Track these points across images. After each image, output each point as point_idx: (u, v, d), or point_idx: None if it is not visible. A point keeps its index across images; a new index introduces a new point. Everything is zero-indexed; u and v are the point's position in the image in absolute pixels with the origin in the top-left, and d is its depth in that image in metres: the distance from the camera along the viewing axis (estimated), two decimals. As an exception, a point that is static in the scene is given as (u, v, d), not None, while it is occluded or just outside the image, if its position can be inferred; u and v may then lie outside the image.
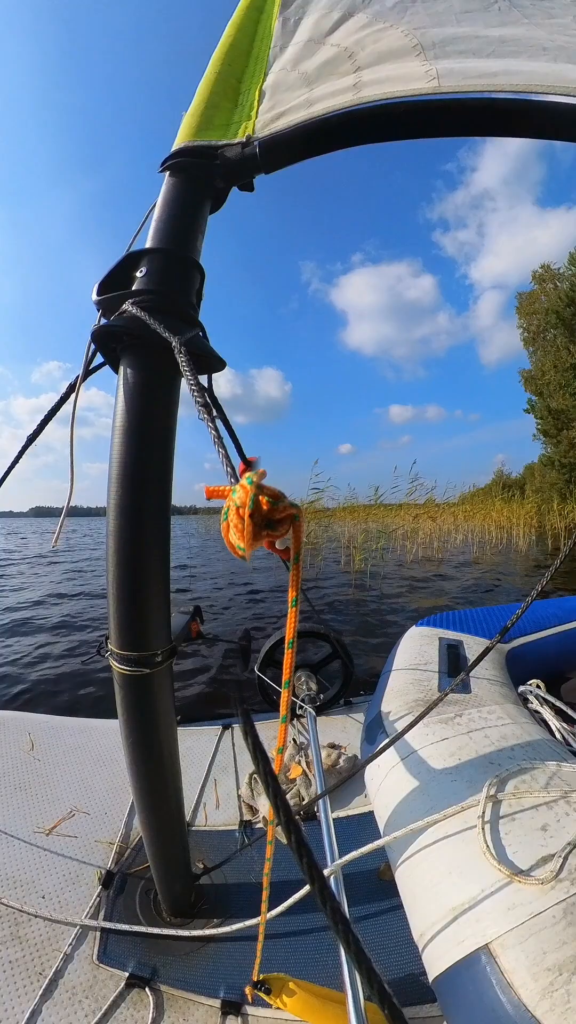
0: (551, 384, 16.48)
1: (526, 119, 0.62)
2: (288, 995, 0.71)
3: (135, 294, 0.61)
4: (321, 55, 0.76)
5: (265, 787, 0.22)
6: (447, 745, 0.78)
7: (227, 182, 0.72)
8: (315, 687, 1.61)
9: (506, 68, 0.63)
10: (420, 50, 0.70)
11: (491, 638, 1.22)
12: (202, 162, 0.69)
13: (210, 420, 0.32)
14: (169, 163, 0.70)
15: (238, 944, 0.89)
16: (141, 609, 0.64)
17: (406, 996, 0.80)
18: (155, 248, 0.65)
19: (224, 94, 0.77)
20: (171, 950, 0.88)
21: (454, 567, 7.79)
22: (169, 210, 0.68)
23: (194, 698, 2.64)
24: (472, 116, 0.62)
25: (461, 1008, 0.52)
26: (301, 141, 0.67)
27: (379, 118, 0.65)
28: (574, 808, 0.61)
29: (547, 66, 0.63)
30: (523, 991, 0.46)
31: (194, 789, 1.32)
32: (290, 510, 0.26)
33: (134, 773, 0.76)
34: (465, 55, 0.69)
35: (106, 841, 1.12)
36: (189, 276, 0.65)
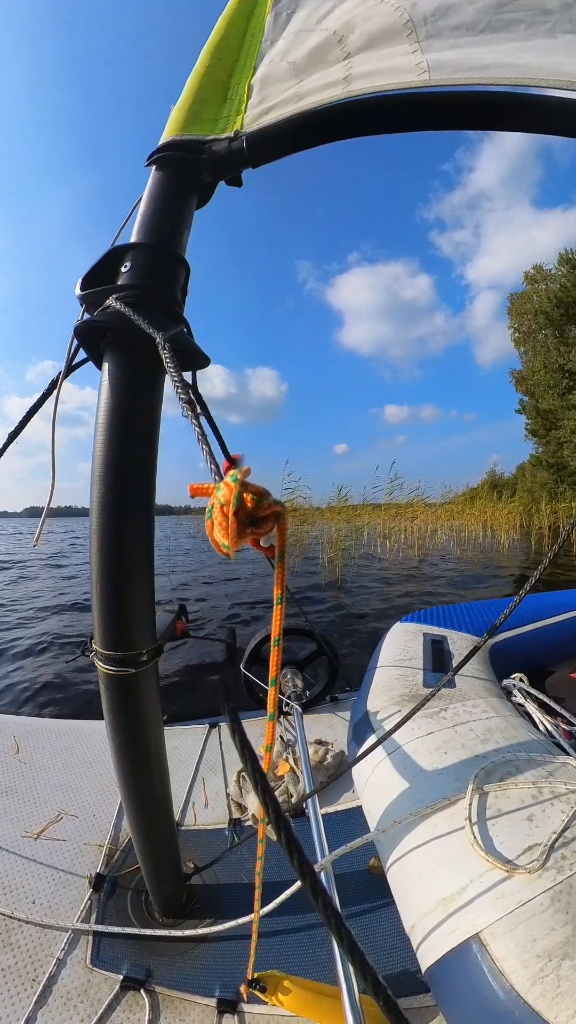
0: (540, 385, 16.62)
1: (518, 112, 0.62)
2: (283, 992, 0.71)
3: (119, 289, 0.60)
4: (311, 41, 0.75)
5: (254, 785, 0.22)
6: (433, 739, 0.79)
7: (214, 177, 0.72)
8: (301, 684, 1.61)
9: (497, 60, 0.62)
10: (411, 28, 0.68)
11: (474, 633, 1.25)
12: (189, 156, 0.68)
13: (194, 417, 0.32)
14: (156, 157, 0.69)
15: (232, 942, 0.89)
16: (125, 608, 0.63)
17: (400, 987, 0.81)
18: (140, 243, 0.64)
19: (213, 89, 0.76)
20: (165, 951, 0.88)
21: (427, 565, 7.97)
22: (155, 204, 0.67)
23: (180, 697, 2.63)
24: (463, 109, 0.62)
25: (454, 997, 0.53)
26: (289, 135, 0.67)
27: (369, 112, 0.65)
28: (559, 798, 0.63)
29: (539, 58, 0.63)
30: (514, 978, 0.48)
31: (182, 789, 1.31)
32: (275, 507, 0.26)
33: (122, 774, 0.76)
34: (458, 31, 0.68)
35: (95, 844, 1.11)
36: (174, 271, 0.64)
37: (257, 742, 1.41)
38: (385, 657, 1.15)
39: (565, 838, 0.57)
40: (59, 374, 0.62)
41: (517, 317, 18.82)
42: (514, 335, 18.90)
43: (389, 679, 1.04)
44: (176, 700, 2.57)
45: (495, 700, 0.92)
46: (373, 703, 0.98)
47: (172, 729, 1.59)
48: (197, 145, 0.67)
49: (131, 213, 0.71)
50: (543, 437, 17.03)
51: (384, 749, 0.82)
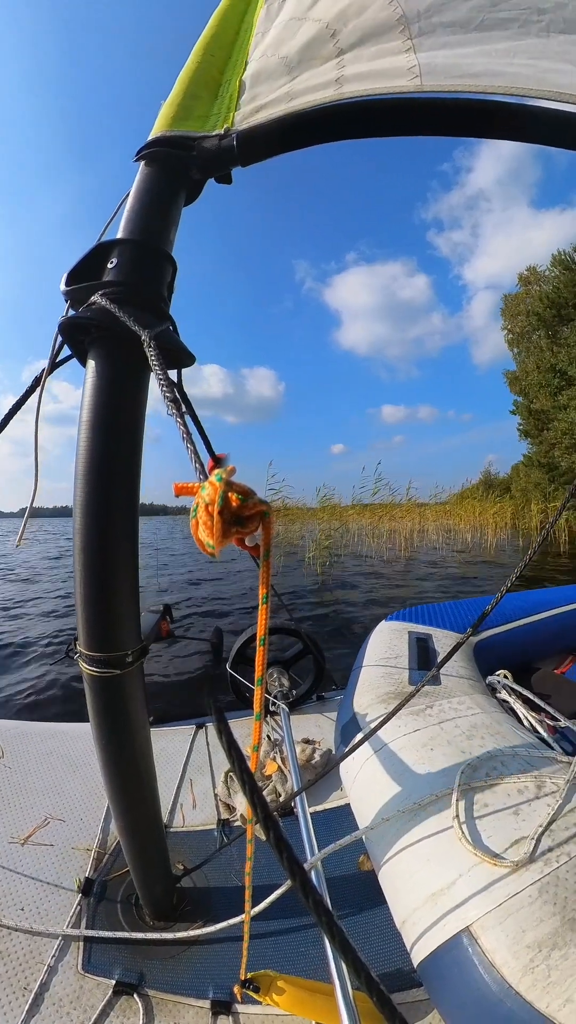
0: (533, 385, 16.64)
1: (508, 121, 0.63)
2: (277, 991, 0.71)
3: (105, 285, 0.59)
4: (303, 34, 0.74)
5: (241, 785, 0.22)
6: (419, 736, 0.80)
7: (203, 174, 0.71)
8: (287, 683, 1.61)
9: (489, 67, 0.63)
10: (404, 24, 0.69)
11: (458, 631, 1.26)
12: (178, 153, 0.67)
13: (179, 416, 0.32)
14: (144, 152, 0.68)
15: (224, 943, 0.89)
16: (110, 609, 0.62)
17: (393, 982, 0.81)
18: (127, 239, 0.63)
19: (204, 85, 0.75)
20: (157, 954, 0.88)
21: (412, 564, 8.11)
22: (143, 200, 0.67)
23: (166, 698, 2.61)
24: (454, 116, 0.63)
25: (447, 990, 0.54)
26: (280, 135, 0.67)
27: (360, 115, 0.65)
28: (544, 792, 0.64)
29: (530, 65, 0.63)
30: (505, 969, 0.48)
31: (170, 790, 1.30)
32: (260, 507, 0.26)
33: (108, 776, 0.75)
34: (451, 28, 0.68)
35: (83, 847, 1.09)
36: (161, 268, 0.63)
37: (244, 742, 1.40)
38: (371, 656, 1.16)
39: (551, 831, 0.58)
40: (42, 371, 0.61)
41: (510, 318, 18.87)
42: (508, 336, 18.99)
43: (375, 677, 1.05)
44: (162, 701, 2.55)
45: (480, 697, 0.94)
46: (359, 701, 0.98)
47: (158, 730, 1.58)
48: (187, 141, 0.67)
49: (118, 208, 0.70)
50: (535, 437, 17.11)
51: (371, 747, 0.82)
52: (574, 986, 0.45)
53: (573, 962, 0.46)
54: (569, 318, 15.52)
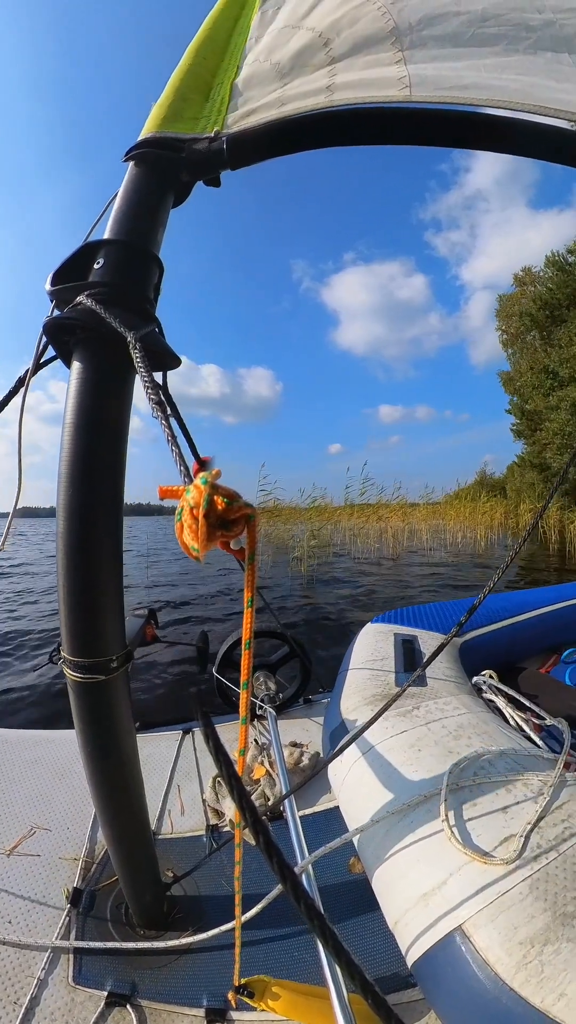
0: (527, 386, 16.61)
1: (495, 134, 0.65)
2: (272, 996, 0.71)
3: (91, 286, 0.58)
4: (296, 42, 0.75)
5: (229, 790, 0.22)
6: (406, 737, 0.80)
7: (192, 176, 0.71)
8: (274, 687, 1.61)
9: (477, 80, 0.64)
10: (396, 36, 0.70)
11: (444, 632, 1.28)
12: (168, 154, 0.67)
13: (164, 418, 0.32)
14: (134, 153, 0.68)
15: (216, 950, 0.88)
16: (94, 613, 0.61)
17: (388, 984, 0.81)
18: (114, 240, 0.63)
19: (196, 87, 0.75)
20: (149, 963, 0.86)
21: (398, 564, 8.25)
22: (131, 201, 0.66)
23: (152, 703, 2.59)
24: (443, 127, 0.64)
25: (442, 989, 0.54)
26: (269, 140, 0.67)
27: (350, 123, 0.66)
28: (531, 790, 0.65)
29: (517, 79, 0.65)
30: (499, 966, 0.49)
31: (157, 797, 1.28)
32: (245, 510, 0.26)
33: (95, 784, 0.73)
34: (442, 42, 0.70)
35: (71, 857, 1.07)
36: (147, 270, 0.63)
37: (231, 746, 1.39)
38: (357, 658, 1.16)
39: (539, 828, 0.59)
40: (26, 371, 0.60)
41: (505, 319, 18.84)
42: (502, 337, 19.00)
43: (361, 679, 1.05)
44: (148, 707, 2.53)
45: (466, 697, 0.95)
46: (346, 704, 0.98)
47: (144, 736, 1.56)
48: (177, 143, 0.67)
49: (106, 208, 0.70)
50: (529, 438, 17.11)
51: (359, 749, 0.82)
52: (568, 980, 0.46)
53: (566, 956, 0.47)
54: (562, 319, 15.54)
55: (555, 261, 15.95)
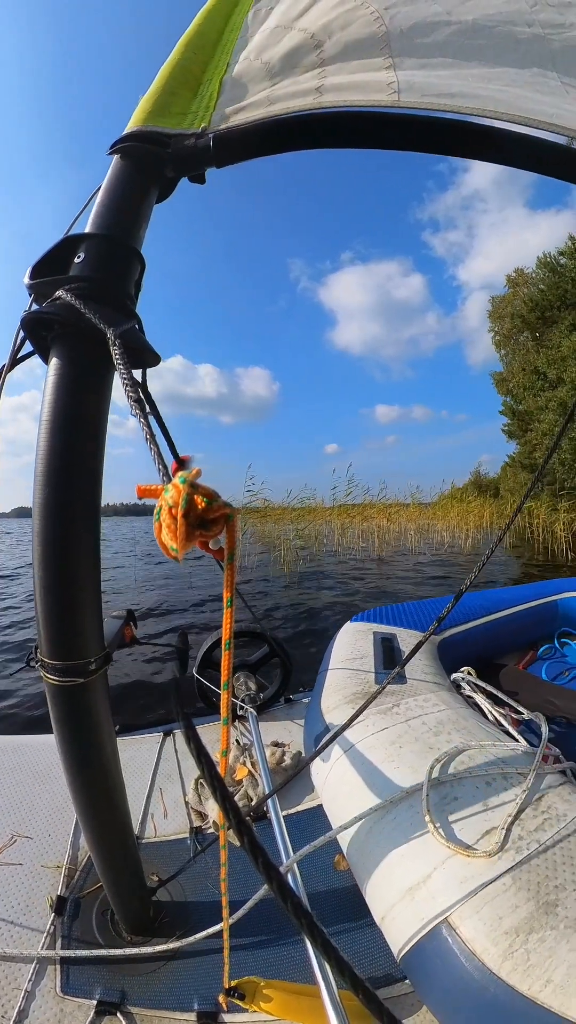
0: (519, 386, 16.62)
1: (480, 142, 0.65)
2: (263, 997, 0.71)
3: (70, 280, 0.57)
4: (287, 42, 0.75)
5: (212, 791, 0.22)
6: (387, 734, 0.81)
7: (177, 172, 0.70)
8: (254, 687, 1.61)
9: (464, 89, 0.65)
10: (387, 42, 0.71)
11: (422, 630, 1.29)
12: (153, 149, 0.66)
13: (143, 416, 0.31)
14: (119, 146, 0.66)
15: (205, 953, 0.87)
16: (72, 615, 0.60)
17: (378, 978, 0.82)
18: (96, 233, 0.62)
19: (184, 83, 0.74)
20: (137, 970, 0.85)
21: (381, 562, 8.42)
22: (114, 195, 0.65)
23: (132, 706, 2.55)
24: (429, 133, 0.65)
25: (431, 982, 0.54)
26: (257, 139, 0.67)
27: (337, 125, 0.66)
28: (511, 783, 0.66)
29: (503, 90, 0.66)
30: (486, 956, 0.50)
31: (140, 800, 1.27)
32: (224, 509, 0.26)
33: (75, 789, 0.72)
34: (431, 50, 0.71)
35: (53, 865, 1.04)
36: (129, 265, 0.62)
37: (213, 747, 1.38)
38: (337, 657, 1.17)
39: (520, 820, 0.60)
40: (2, 367, 0.59)
41: (497, 320, 18.73)
42: (495, 338, 18.88)
43: (341, 678, 1.06)
44: (127, 709, 2.49)
45: (445, 694, 0.96)
46: (327, 702, 0.99)
47: (125, 739, 1.53)
48: (163, 138, 0.66)
49: (88, 201, 0.69)
50: (520, 438, 17.07)
51: (340, 747, 0.83)
52: (553, 966, 0.47)
53: (550, 944, 0.48)
54: (553, 320, 15.56)
55: (547, 263, 15.88)
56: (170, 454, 0.75)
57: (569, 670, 1.45)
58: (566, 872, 0.54)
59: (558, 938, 0.48)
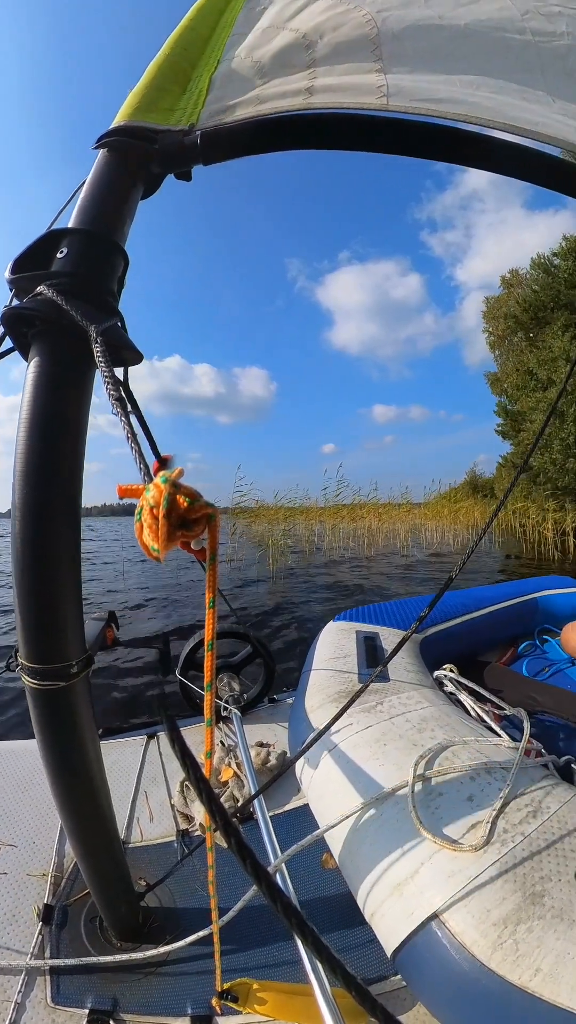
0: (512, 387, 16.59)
1: (466, 148, 0.66)
2: (256, 998, 0.70)
3: (52, 276, 0.56)
4: (278, 41, 0.75)
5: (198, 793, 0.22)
6: (371, 732, 0.82)
7: (163, 168, 0.69)
8: (238, 687, 1.60)
9: (452, 95, 0.66)
10: (377, 45, 0.71)
11: (404, 628, 1.30)
12: (140, 144, 0.65)
13: (124, 415, 0.31)
14: (105, 140, 0.65)
15: (196, 957, 0.86)
16: (52, 617, 0.59)
17: (370, 974, 0.82)
18: (79, 229, 0.61)
19: (174, 78, 0.73)
20: (128, 976, 0.84)
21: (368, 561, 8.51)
22: (99, 190, 0.64)
23: (114, 709, 2.52)
24: (417, 138, 0.65)
25: (423, 976, 0.55)
26: (245, 137, 0.66)
27: (326, 126, 0.66)
28: (495, 778, 0.67)
29: (491, 97, 0.67)
30: (475, 948, 0.50)
31: (125, 805, 1.25)
32: (206, 509, 0.26)
33: (59, 795, 0.71)
34: (422, 55, 0.72)
35: (39, 873, 1.02)
36: (112, 262, 0.61)
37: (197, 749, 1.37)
38: (320, 656, 1.17)
39: (504, 814, 0.61)
40: (-19, 363, 0.57)
41: (491, 321, 18.79)
42: (489, 338, 18.95)
43: (325, 677, 1.06)
44: (110, 712, 2.46)
45: (428, 691, 0.97)
46: (311, 702, 0.99)
47: (108, 743, 1.51)
48: (150, 133, 0.65)
49: (73, 196, 0.67)
50: (513, 439, 17.02)
51: (325, 746, 0.83)
52: (542, 955, 0.48)
53: (538, 934, 0.49)
54: (546, 321, 15.55)
55: (540, 263, 15.81)
56: (152, 453, 0.74)
57: (549, 666, 1.48)
58: (551, 863, 0.56)
59: (545, 927, 0.50)
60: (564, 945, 0.48)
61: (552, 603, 1.78)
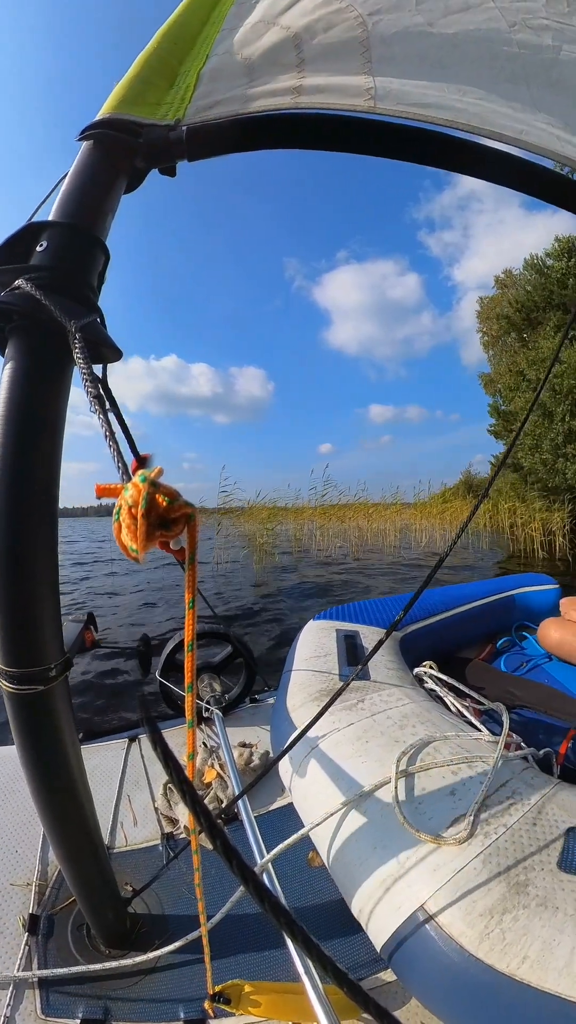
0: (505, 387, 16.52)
1: (451, 154, 0.67)
2: (249, 999, 0.70)
3: (31, 270, 0.55)
4: (268, 38, 0.74)
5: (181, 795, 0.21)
6: (353, 730, 0.82)
7: (147, 163, 0.68)
8: (219, 688, 1.60)
9: (439, 100, 0.67)
10: (367, 47, 0.72)
11: (384, 626, 1.31)
12: (125, 138, 0.64)
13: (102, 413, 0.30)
14: (89, 133, 0.64)
15: (186, 960, 0.86)
16: (29, 620, 0.57)
17: (361, 970, 0.83)
18: (60, 222, 0.59)
19: (161, 72, 0.72)
20: (119, 983, 0.83)
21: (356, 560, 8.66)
22: (81, 183, 0.63)
23: (95, 712, 2.48)
24: (404, 141, 0.66)
25: (412, 968, 0.55)
26: (231, 135, 0.66)
27: (312, 127, 0.67)
28: (476, 771, 0.68)
29: (477, 104, 0.68)
30: (463, 939, 0.51)
31: (108, 809, 1.23)
32: (185, 509, 0.26)
33: (41, 801, 0.69)
34: (410, 60, 0.72)
35: (23, 883, 1.00)
36: (93, 257, 0.60)
37: (180, 751, 1.36)
38: (301, 655, 1.17)
39: (486, 806, 0.62)
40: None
41: (485, 321, 18.67)
42: (483, 339, 18.86)
43: (306, 676, 1.06)
44: (90, 716, 2.42)
45: (408, 688, 0.98)
46: (292, 701, 0.99)
47: (89, 747, 1.49)
48: (135, 127, 0.64)
49: (54, 188, 0.66)
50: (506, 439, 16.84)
51: (308, 744, 0.83)
52: (528, 943, 0.49)
53: (523, 922, 0.50)
54: (538, 321, 15.58)
55: (533, 264, 15.75)
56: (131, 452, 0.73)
57: (527, 662, 1.51)
58: (533, 853, 0.57)
59: (530, 916, 0.51)
60: (549, 932, 0.49)
61: (529, 600, 1.83)
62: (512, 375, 16.24)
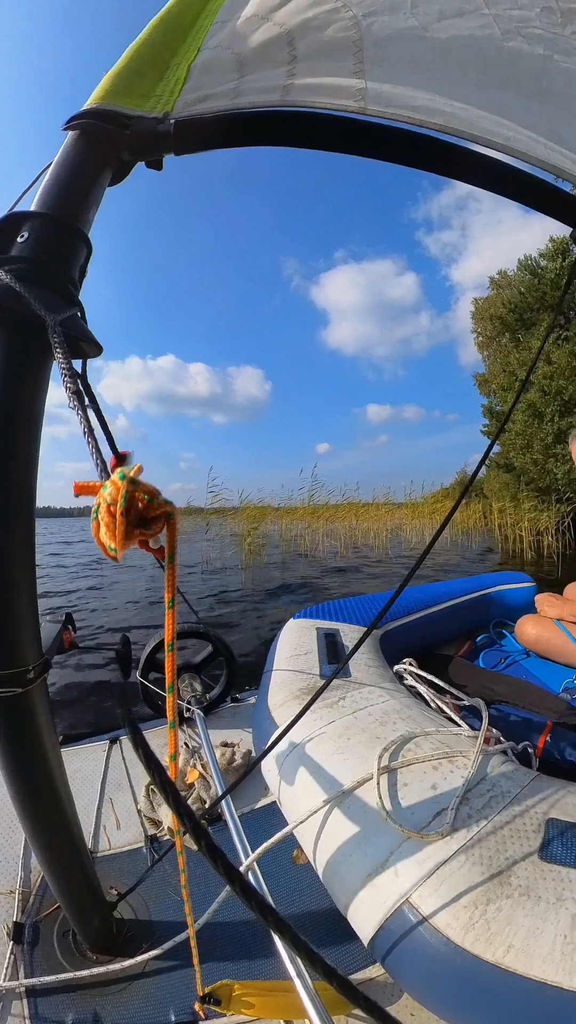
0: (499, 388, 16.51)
1: (443, 158, 0.68)
2: (239, 999, 0.70)
3: (11, 261, 0.53)
4: (261, 34, 0.74)
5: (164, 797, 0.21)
6: (335, 727, 0.82)
7: (134, 156, 0.67)
8: (200, 688, 1.59)
9: (430, 104, 0.67)
10: (360, 48, 0.72)
11: (364, 624, 1.32)
12: (112, 129, 0.62)
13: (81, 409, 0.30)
14: (75, 122, 0.62)
15: (175, 963, 0.85)
16: (6, 621, 0.56)
17: (349, 965, 0.83)
18: (42, 213, 0.58)
19: (152, 64, 0.70)
20: (108, 989, 0.82)
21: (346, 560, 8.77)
22: (65, 174, 0.61)
23: (74, 714, 2.45)
24: (393, 144, 0.66)
25: (400, 961, 0.56)
26: (219, 130, 0.65)
27: (300, 125, 0.66)
28: (456, 766, 0.69)
29: (466, 110, 0.69)
30: (449, 931, 0.51)
31: (90, 813, 1.21)
32: (165, 507, 0.26)
33: (21, 807, 0.68)
34: (402, 63, 0.73)
35: (5, 890, 0.98)
36: (75, 250, 0.58)
37: (161, 752, 1.35)
38: (281, 654, 1.17)
39: (467, 799, 0.63)
40: None
41: (480, 321, 18.70)
42: (478, 339, 18.94)
43: (287, 675, 1.06)
44: (69, 718, 2.38)
45: (389, 685, 0.99)
46: (273, 700, 0.98)
47: (69, 750, 1.47)
48: (122, 118, 0.62)
49: (38, 178, 0.64)
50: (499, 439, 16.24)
51: (290, 743, 0.83)
52: (513, 932, 0.50)
53: (507, 912, 0.51)
54: (532, 322, 15.54)
55: (527, 265, 15.66)
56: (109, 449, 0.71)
57: (505, 658, 1.54)
58: (514, 844, 0.58)
59: (514, 905, 0.52)
60: (532, 921, 0.50)
61: (506, 597, 1.87)
62: (505, 376, 16.26)
